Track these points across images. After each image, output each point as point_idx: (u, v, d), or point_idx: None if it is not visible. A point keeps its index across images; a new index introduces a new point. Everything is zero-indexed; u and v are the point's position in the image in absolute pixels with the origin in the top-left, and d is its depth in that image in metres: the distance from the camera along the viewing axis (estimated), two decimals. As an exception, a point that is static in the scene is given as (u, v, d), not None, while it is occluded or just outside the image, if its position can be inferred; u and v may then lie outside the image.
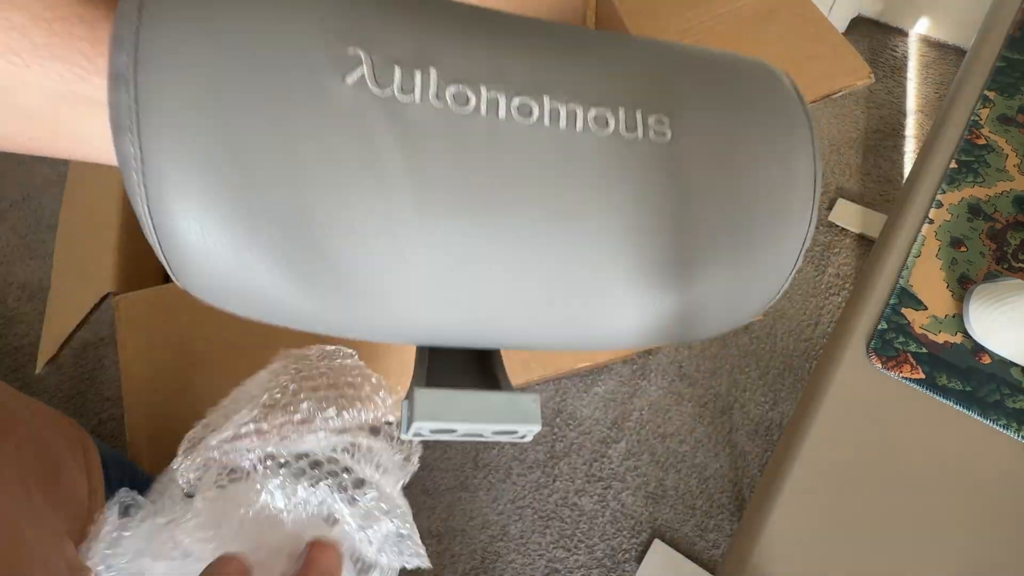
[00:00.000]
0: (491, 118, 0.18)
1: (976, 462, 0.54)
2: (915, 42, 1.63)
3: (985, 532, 0.51)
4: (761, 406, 1.20)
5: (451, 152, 0.18)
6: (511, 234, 0.18)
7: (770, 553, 0.52)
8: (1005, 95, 0.72)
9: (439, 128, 0.17)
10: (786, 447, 0.57)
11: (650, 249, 0.20)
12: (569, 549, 1.09)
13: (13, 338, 1.32)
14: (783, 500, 0.54)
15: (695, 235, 0.20)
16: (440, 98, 0.18)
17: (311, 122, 0.16)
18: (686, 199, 0.20)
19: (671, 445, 1.17)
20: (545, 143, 0.18)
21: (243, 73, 0.16)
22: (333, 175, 0.17)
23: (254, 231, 0.17)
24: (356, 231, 0.17)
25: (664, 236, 0.20)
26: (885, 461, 0.55)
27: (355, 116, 0.17)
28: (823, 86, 0.68)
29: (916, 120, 1.51)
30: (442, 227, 0.18)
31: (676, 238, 0.20)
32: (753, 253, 0.21)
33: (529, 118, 0.18)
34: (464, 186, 0.18)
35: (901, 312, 0.60)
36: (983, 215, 0.65)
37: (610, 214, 0.19)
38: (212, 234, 0.16)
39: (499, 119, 0.18)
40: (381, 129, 0.17)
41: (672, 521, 1.11)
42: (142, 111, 0.16)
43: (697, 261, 0.20)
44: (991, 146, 0.69)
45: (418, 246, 0.18)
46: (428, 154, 0.17)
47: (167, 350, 0.58)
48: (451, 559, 1.09)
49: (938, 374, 0.57)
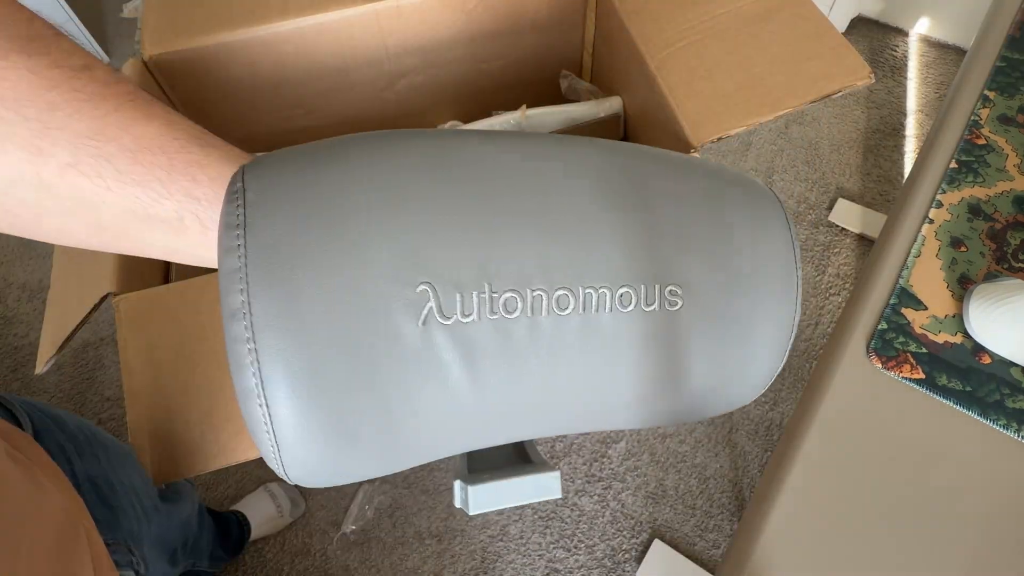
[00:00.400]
0: (534, 317, 0.22)
1: (976, 462, 0.54)
2: (915, 42, 1.63)
3: (985, 532, 0.51)
4: (761, 406, 1.20)
5: (502, 359, 0.22)
6: (549, 415, 0.24)
7: (770, 553, 0.52)
8: (1005, 95, 0.72)
9: (492, 339, 0.22)
10: (786, 447, 0.57)
11: (663, 397, 0.26)
12: (569, 549, 1.09)
13: (13, 338, 1.32)
14: (783, 500, 0.54)
15: (698, 374, 0.25)
16: (494, 311, 0.22)
17: (391, 366, 0.21)
18: (688, 352, 0.25)
19: (671, 445, 1.17)
20: (575, 325, 0.23)
21: (332, 334, 0.21)
22: (410, 401, 0.22)
23: (348, 445, 0.22)
24: (426, 429, 0.23)
25: (672, 382, 0.25)
26: (885, 461, 0.55)
27: (427, 351, 0.21)
28: (823, 86, 0.68)
29: (916, 120, 1.51)
30: (496, 413, 0.23)
31: (681, 382, 0.25)
32: (744, 367, 0.26)
33: (565, 310, 0.23)
34: (511, 383, 0.23)
35: (901, 312, 0.60)
36: (983, 215, 0.65)
37: (627, 374, 0.24)
38: (316, 447, 0.21)
39: (541, 317, 0.22)
40: (448, 356, 0.22)
41: (672, 521, 1.11)
42: (264, 375, 0.20)
43: (696, 390, 0.26)
44: (991, 146, 0.69)
45: (473, 426, 0.23)
46: (485, 367, 0.22)
47: (167, 350, 0.58)
48: (451, 559, 1.09)
49: (938, 374, 0.57)
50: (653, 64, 0.74)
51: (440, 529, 1.11)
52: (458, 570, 1.08)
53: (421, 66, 0.92)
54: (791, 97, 0.68)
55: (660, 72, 0.73)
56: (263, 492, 1.13)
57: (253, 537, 1.09)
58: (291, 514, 1.12)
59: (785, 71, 0.70)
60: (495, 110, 0.93)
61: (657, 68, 0.73)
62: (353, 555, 1.09)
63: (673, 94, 0.71)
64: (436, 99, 0.99)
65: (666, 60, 0.74)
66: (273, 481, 1.15)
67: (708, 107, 0.69)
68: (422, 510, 1.12)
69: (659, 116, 0.75)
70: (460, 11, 0.86)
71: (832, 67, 0.69)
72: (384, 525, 1.11)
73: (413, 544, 1.10)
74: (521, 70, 0.99)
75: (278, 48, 0.82)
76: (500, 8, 0.87)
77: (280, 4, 0.79)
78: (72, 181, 0.23)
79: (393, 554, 1.09)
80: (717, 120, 0.68)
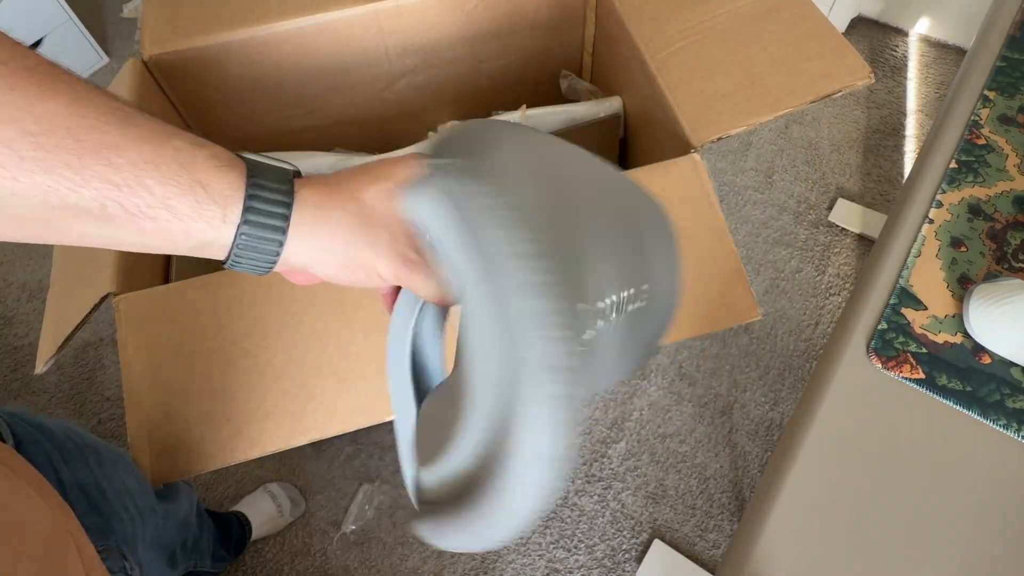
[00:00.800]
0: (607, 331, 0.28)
1: (976, 462, 0.54)
2: (915, 42, 1.63)
3: (985, 531, 0.51)
4: (761, 406, 1.20)
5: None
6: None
7: (770, 553, 0.52)
8: (1005, 95, 0.72)
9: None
10: (786, 447, 0.57)
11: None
12: (569, 549, 1.09)
13: (13, 338, 1.32)
14: (783, 500, 0.54)
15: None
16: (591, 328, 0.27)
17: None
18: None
19: (671, 445, 1.17)
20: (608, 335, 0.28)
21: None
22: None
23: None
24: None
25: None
26: (885, 461, 0.55)
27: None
28: (823, 86, 0.68)
29: (916, 120, 1.51)
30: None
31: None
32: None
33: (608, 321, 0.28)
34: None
35: (901, 312, 0.60)
36: (983, 215, 0.65)
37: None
38: None
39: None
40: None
41: (672, 521, 1.10)
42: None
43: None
44: (991, 146, 0.69)
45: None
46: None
47: (167, 350, 0.58)
48: (451, 559, 1.09)
49: (938, 374, 0.57)
50: (653, 64, 0.74)
51: (440, 529, 1.11)
52: (458, 570, 1.08)
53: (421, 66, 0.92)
54: (791, 97, 0.68)
55: (660, 72, 0.73)
56: (263, 492, 1.13)
57: (254, 537, 1.09)
58: (291, 514, 1.12)
59: (785, 71, 0.70)
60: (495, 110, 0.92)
61: (657, 68, 0.73)
62: (353, 555, 1.09)
63: (673, 94, 0.71)
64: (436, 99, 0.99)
65: (666, 60, 0.74)
66: (273, 481, 1.15)
67: (708, 107, 0.69)
68: (422, 510, 1.12)
69: (659, 116, 0.75)
70: (460, 11, 0.86)
71: (832, 67, 0.69)
72: (384, 525, 1.11)
73: (413, 544, 1.10)
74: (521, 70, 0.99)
75: (278, 48, 0.82)
76: (500, 8, 0.87)
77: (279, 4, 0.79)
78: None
79: (393, 554, 1.09)
80: (717, 120, 0.68)
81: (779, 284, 1.32)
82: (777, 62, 0.70)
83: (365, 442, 1.19)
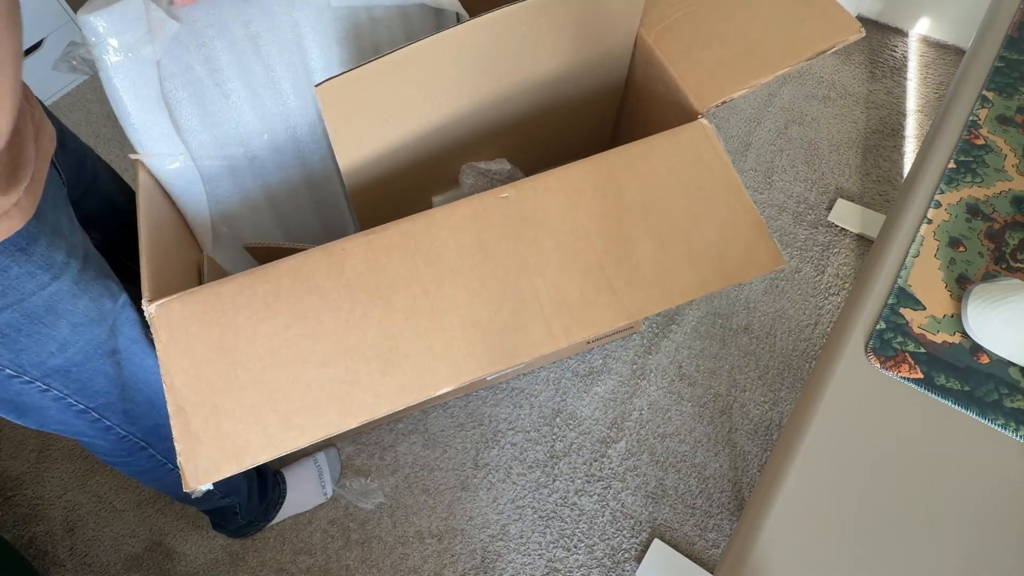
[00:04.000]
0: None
1: (974, 461, 0.54)
2: (915, 42, 1.63)
3: (984, 531, 0.52)
4: (761, 406, 1.20)
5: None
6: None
7: (769, 552, 0.52)
8: (1004, 95, 0.72)
9: None
10: (785, 446, 0.57)
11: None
12: (569, 549, 1.09)
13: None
14: (782, 500, 0.54)
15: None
16: None
17: None
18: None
19: (671, 445, 1.17)
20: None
21: None
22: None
23: None
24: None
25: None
26: (884, 461, 0.55)
27: None
28: (817, 44, 0.70)
29: (916, 120, 1.51)
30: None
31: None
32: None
33: None
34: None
35: (900, 312, 0.61)
36: (981, 215, 0.65)
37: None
38: None
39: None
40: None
41: (672, 521, 1.11)
42: None
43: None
44: (990, 146, 0.69)
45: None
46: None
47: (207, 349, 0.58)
48: (451, 558, 1.09)
49: (936, 374, 0.57)
50: (650, 38, 0.76)
51: (440, 528, 1.11)
52: (458, 569, 1.08)
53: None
54: (788, 58, 0.70)
55: (658, 45, 0.75)
56: (311, 464, 1.13)
57: (282, 516, 1.10)
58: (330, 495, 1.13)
59: (779, 34, 0.73)
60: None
61: (655, 41, 0.75)
62: (353, 555, 1.10)
63: (675, 66, 0.73)
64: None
65: (663, 33, 0.75)
66: (322, 451, 1.15)
67: (709, 75, 0.71)
68: (422, 509, 1.13)
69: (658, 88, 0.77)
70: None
71: (824, 26, 0.72)
72: (384, 525, 1.12)
73: (413, 543, 1.10)
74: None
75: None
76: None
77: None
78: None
79: (393, 553, 1.10)
80: (719, 86, 0.70)
81: (778, 284, 1.32)
82: (770, 27, 0.73)
83: (365, 442, 1.19)
